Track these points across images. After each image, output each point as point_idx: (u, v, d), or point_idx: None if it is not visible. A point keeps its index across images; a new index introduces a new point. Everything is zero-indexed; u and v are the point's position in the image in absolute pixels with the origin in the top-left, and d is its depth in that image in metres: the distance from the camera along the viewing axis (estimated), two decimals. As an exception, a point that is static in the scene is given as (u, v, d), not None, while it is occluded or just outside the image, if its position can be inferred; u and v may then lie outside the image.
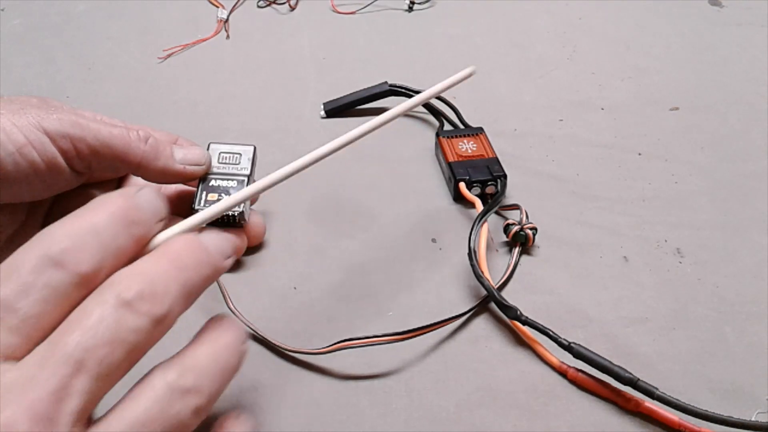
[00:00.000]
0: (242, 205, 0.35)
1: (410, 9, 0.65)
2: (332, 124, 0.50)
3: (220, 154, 0.37)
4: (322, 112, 0.51)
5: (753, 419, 0.30)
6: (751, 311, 0.36)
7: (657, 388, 0.30)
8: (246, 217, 0.36)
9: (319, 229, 0.41)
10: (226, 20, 0.62)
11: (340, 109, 0.51)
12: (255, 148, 0.38)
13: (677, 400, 0.30)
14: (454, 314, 0.35)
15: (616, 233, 0.41)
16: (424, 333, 0.34)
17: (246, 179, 0.36)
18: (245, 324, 0.35)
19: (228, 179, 0.36)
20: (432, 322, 0.34)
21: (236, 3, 0.65)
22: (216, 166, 0.37)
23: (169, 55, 0.58)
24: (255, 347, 0.34)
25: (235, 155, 0.37)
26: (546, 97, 0.53)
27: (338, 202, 0.43)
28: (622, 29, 0.62)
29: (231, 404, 0.32)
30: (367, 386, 0.32)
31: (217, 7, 0.64)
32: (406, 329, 0.34)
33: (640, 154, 0.47)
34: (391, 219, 0.42)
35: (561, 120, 0.51)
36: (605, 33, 0.62)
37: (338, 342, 0.33)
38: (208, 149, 0.37)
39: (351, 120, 0.51)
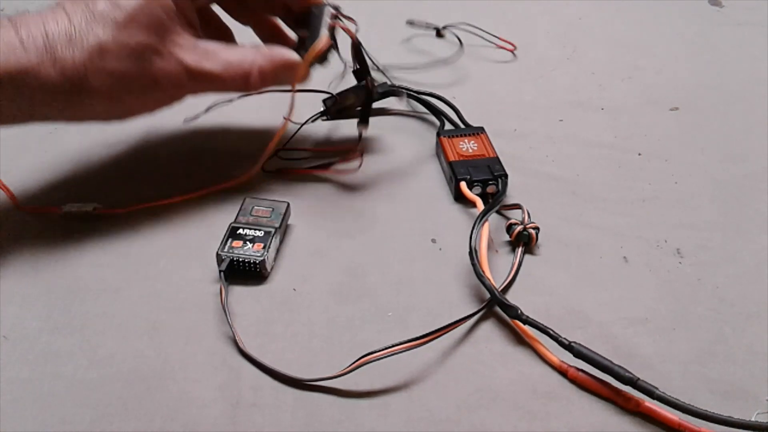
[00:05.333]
0: (264, 253, 0.37)
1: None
2: (333, 123, 0.50)
3: (253, 208, 0.40)
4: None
5: (753, 419, 0.30)
6: (751, 311, 0.36)
7: (657, 388, 0.30)
8: (267, 267, 0.37)
9: (319, 229, 0.41)
10: (226, 20, 0.62)
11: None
12: (288, 205, 0.40)
13: (677, 400, 0.30)
14: (454, 314, 0.35)
15: (616, 233, 0.41)
16: (441, 335, 0.33)
17: (273, 230, 0.38)
18: (257, 361, 0.33)
19: (256, 229, 0.38)
20: (432, 321, 0.34)
21: (236, 3, 0.65)
22: (250, 218, 0.39)
23: (169, 55, 0.57)
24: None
25: (268, 209, 0.40)
26: (546, 97, 0.53)
27: (338, 201, 0.43)
28: (622, 29, 0.62)
29: (230, 402, 0.32)
30: (367, 386, 0.32)
31: (217, 6, 0.64)
32: (419, 335, 0.33)
33: (640, 155, 0.47)
34: (391, 219, 0.42)
35: (561, 120, 0.51)
36: (605, 33, 0.62)
37: (358, 359, 0.32)
38: (243, 203, 0.40)
39: (351, 120, 0.51)
